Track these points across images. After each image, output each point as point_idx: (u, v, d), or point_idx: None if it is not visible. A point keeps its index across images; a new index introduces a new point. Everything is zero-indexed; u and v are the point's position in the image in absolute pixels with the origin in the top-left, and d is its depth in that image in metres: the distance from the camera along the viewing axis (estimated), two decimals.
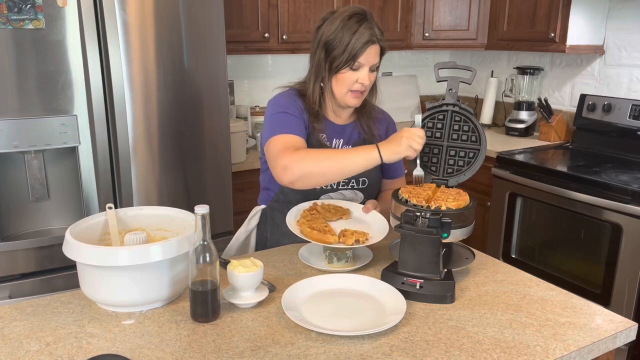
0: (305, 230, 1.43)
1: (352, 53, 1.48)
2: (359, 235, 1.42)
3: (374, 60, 1.52)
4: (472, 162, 1.46)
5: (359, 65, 1.51)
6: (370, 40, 1.49)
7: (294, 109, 1.56)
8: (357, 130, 1.67)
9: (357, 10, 1.52)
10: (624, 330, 1.19)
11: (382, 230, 1.48)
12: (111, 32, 2.00)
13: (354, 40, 1.48)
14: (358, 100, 1.57)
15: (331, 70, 1.53)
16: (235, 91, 3.15)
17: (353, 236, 1.40)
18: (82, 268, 1.22)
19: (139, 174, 2.17)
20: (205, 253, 1.16)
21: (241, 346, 1.10)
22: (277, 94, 1.64)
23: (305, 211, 1.53)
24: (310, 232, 1.41)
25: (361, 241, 1.41)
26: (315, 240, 1.40)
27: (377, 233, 1.47)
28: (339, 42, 1.49)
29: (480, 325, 1.19)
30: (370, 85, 1.57)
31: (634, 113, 2.75)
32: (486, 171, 2.81)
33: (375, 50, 1.52)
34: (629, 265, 2.26)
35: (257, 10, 2.78)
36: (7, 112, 1.92)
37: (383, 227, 1.50)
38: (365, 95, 1.60)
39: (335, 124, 1.65)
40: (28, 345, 1.10)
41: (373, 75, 1.56)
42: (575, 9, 2.77)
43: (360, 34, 1.48)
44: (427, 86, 3.91)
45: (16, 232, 2.10)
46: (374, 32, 1.50)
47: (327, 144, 1.62)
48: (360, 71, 1.52)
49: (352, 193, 1.66)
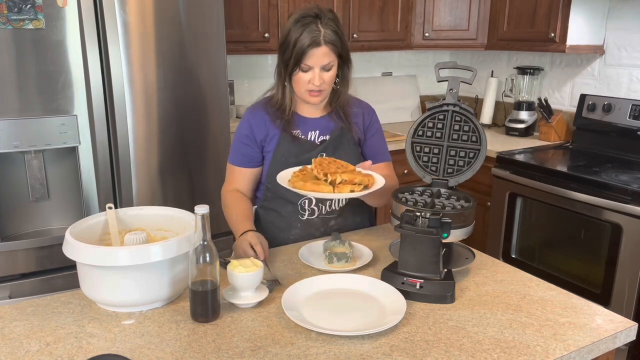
0: (298, 183, 1.38)
1: (297, 56, 1.52)
2: (354, 187, 1.36)
3: (322, 61, 1.53)
4: (472, 162, 1.46)
5: (307, 67, 1.54)
6: (312, 43, 1.50)
7: (244, 133, 1.67)
8: (334, 122, 1.68)
9: (308, 12, 1.54)
10: (624, 330, 1.19)
11: (378, 181, 1.44)
12: (111, 32, 2.00)
13: (299, 44, 1.51)
14: (318, 99, 1.59)
15: (287, 72, 1.58)
16: (235, 91, 3.15)
17: (347, 186, 1.35)
18: (82, 268, 1.22)
19: (139, 174, 2.17)
20: (205, 253, 1.16)
21: (241, 346, 1.10)
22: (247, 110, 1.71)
23: (295, 172, 1.48)
24: (304, 185, 1.36)
25: (356, 190, 1.35)
26: (309, 190, 1.34)
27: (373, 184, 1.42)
28: (287, 45, 1.54)
29: (480, 325, 1.19)
30: (327, 84, 1.58)
31: (634, 113, 2.75)
32: (486, 171, 2.81)
33: (323, 52, 1.52)
34: (629, 265, 2.26)
35: (257, 10, 2.77)
36: (7, 112, 1.92)
37: (378, 178, 1.46)
38: (326, 93, 1.61)
39: (309, 118, 1.67)
40: (28, 345, 1.10)
41: (327, 74, 1.56)
42: (575, 9, 2.77)
43: (304, 38, 1.50)
44: (427, 86, 3.91)
45: (16, 232, 2.10)
46: (319, 34, 1.51)
47: (302, 138, 1.65)
48: (310, 72, 1.54)
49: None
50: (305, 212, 1.67)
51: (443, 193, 1.47)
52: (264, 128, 1.65)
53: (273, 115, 1.64)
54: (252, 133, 1.66)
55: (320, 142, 1.67)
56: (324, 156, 1.63)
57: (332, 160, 1.47)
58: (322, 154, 1.64)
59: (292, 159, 1.62)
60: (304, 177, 1.41)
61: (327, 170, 1.41)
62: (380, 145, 1.76)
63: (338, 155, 1.64)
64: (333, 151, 1.65)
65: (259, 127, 1.65)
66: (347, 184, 1.36)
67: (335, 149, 1.66)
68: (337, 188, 1.35)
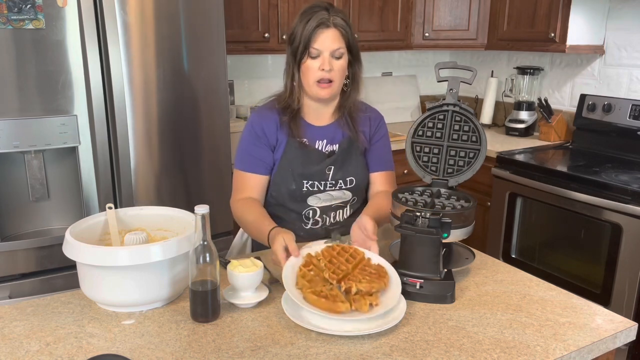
0: (310, 297, 1.19)
1: (306, 40, 1.49)
2: (371, 298, 1.20)
3: (331, 45, 1.50)
4: (472, 162, 1.46)
5: (317, 52, 1.50)
6: (321, 24, 1.48)
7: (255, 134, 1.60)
8: (341, 130, 1.64)
9: (318, 3, 1.53)
10: (624, 330, 1.19)
11: (395, 282, 1.28)
12: (111, 32, 2.00)
13: (307, 27, 1.49)
14: (327, 91, 1.54)
15: (295, 63, 1.55)
16: (235, 91, 3.15)
17: (365, 299, 1.19)
18: (82, 268, 1.22)
19: (139, 174, 2.17)
20: (205, 253, 1.16)
21: (241, 346, 1.10)
22: (253, 112, 1.66)
23: (301, 269, 1.28)
24: (317, 301, 1.17)
25: (374, 303, 1.19)
26: (325, 310, 1.16)
27: (391, 288, 1.26)
28: (296, 34, 1.52)
29: (480, 325, 1.19)
30: (337, 74, 1.53)
31: (634, 113, 2.75)
32: (486, 171, 2.81)
33: (332, 35, 1.49)
34: (629, 265, 2.26)
35: (257, 10, 2.77)
36: (7, 112, 1.92)
37: (394, 277, 1.30)
38: (335, 86, 1.55)
39: (316, 127, 1.63)
40: (28, 345, 1.10)
41: (337, 62, 1.52)
42: (575, 9, 2.77)
43: (312, 21, 1.49)
44: (427, 86, 3.91)
45: (16, 232, 2.10)
46: (328, 17, 1.49)
47: (310, 146, 1.61)
48: (320, 58, 1.51)
49: (341, 193, 1.64)
50: (309, 221, 1.64)
51: (443, 193, 1.47)
52: (274, 128, 1.60)
53: (281, 113, 1.59)
54: (263, 133, 1.59)
55: (328, 152, 1.62)
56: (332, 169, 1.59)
57: (341, 249, 1.33)
58: (330, 167, 1.60)
59: (299, 170, 1.58)
60: (312, 280, 1.25)
61: (336, 262, 1.28)
62: (384, 152, 1.71)
63: (346, 170, 1.62)
64: (341, 165, 1.62)
65: (270, 126, 1.59)
66: (364, 294, 1.21)
67: (343, 163, 1.62)
68: (354, 305, 1.18)
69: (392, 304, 1.19)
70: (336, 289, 1.22)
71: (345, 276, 1.25)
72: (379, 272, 1.27)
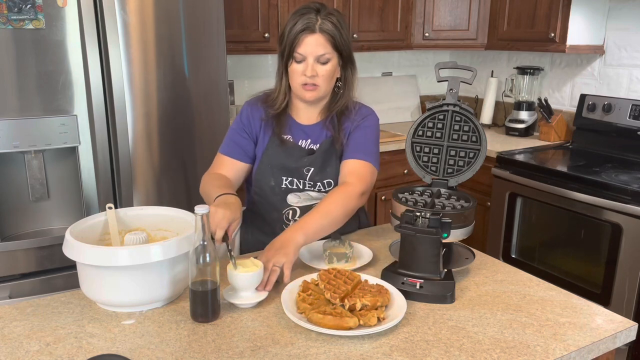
0: (315, 317, 1.15)
1: (290, 44, 1.49)
2: (378, 312, 1.18)
3: (315, 50, 1.48)
4: (472, 162, 1.46)
5: (301, 57, 1.49)
6: (305, 29, 1.46)
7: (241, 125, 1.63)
8: (326, 130, 1.62)
9: (310, 5, 1.51)
10: (624, 330, 1.19)
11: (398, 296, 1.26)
12: (111, 32, 2.00)
13: (292, 31, 1.48)
14: (312, 94, 1.53)
15: (282, 63, 1.55)
16: (235, 91, 3.15)
17: (372, 312, 1.17)
18: (82, 268, 1.22)
19: (139, 174, 2.17)
20: (205, 253, 1.16)
21: (241, 346, 1.10)
22: (245, 102, 1.67)
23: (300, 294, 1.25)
24: (323, 319, 1.14)
25: (382, 316, 1.18)
26: (332, 327, 1.13)
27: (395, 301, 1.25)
28: (283, 35, 1.51)
29: (480, 325, 1.19)
30: (322, 80, 1.51)
31: (634, 113, 2.75)
32: (486, 171, 2.81)
33: (316, 40, 1.47)
34: (629, 265, 2.26)
35: (257, 10, 2.77)
36: (7, 112, 1.92)
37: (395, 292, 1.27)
38: (321, 90, 1.53)
39: (302, 125, 1.63)
40: (28, 345, 1.10)
41: (323, 68, 1.50)
42: (575, 9, 2.77)
43: (298, 24, 1.47)
44: (427, 86, 3.91)
45: (16, 232, 2.10)
46: (315, 22, 1.47)
47: (291, 142, 1.61)
48: (303, 64, 1.50)
49: (320, 195, 1.62)
50: (290, 222, 1.63)
51: (443, 193, 1.47)
52: (258, 122, 1.62)
53: (269, 109, 1.60)
54: (249, 123, 1.62)
55: (308, 149, 1.61)
56: (310, 171, 1.58)
57: (337, 272, 1.29)
58: (309, 169, 1.58)
59: (277, 165, 1.59)
60: (314, 303, 1.21)
61: (335, 284, 1.24)
62: (362, 142, 1.58)
63: (325, 173, 1.59)
64: (320, 167, 1.59)
65: (255, 119, 1.62)
66: (370, 309, 1.18)
67: (322, 165, 1.59)
68: (362, 319, 1.15)
69: (400, 316, 1.17)
70: (340, 307, 1.19)
71: (347, 295, 1.22)
72: (380, 289, 1.25)
